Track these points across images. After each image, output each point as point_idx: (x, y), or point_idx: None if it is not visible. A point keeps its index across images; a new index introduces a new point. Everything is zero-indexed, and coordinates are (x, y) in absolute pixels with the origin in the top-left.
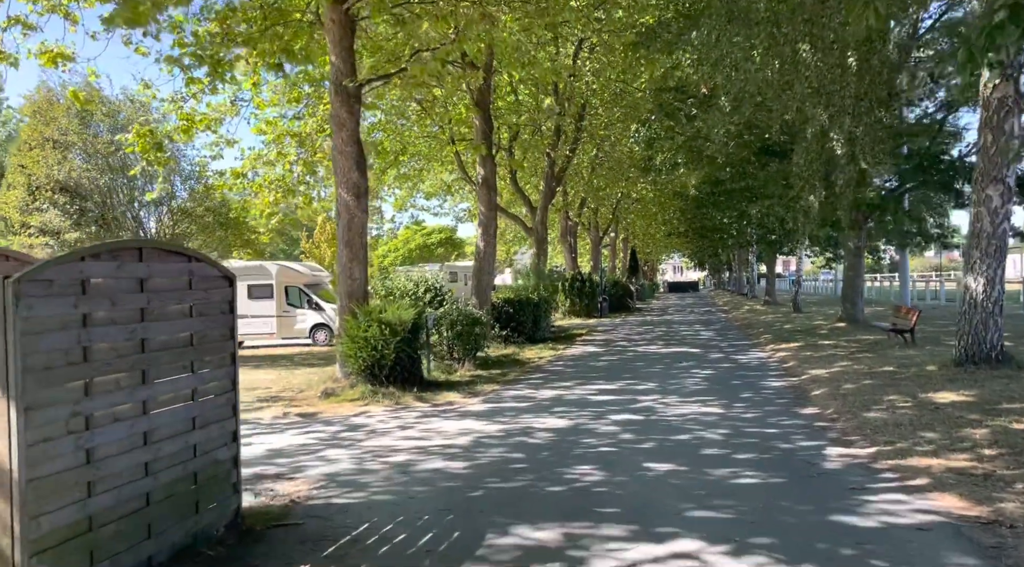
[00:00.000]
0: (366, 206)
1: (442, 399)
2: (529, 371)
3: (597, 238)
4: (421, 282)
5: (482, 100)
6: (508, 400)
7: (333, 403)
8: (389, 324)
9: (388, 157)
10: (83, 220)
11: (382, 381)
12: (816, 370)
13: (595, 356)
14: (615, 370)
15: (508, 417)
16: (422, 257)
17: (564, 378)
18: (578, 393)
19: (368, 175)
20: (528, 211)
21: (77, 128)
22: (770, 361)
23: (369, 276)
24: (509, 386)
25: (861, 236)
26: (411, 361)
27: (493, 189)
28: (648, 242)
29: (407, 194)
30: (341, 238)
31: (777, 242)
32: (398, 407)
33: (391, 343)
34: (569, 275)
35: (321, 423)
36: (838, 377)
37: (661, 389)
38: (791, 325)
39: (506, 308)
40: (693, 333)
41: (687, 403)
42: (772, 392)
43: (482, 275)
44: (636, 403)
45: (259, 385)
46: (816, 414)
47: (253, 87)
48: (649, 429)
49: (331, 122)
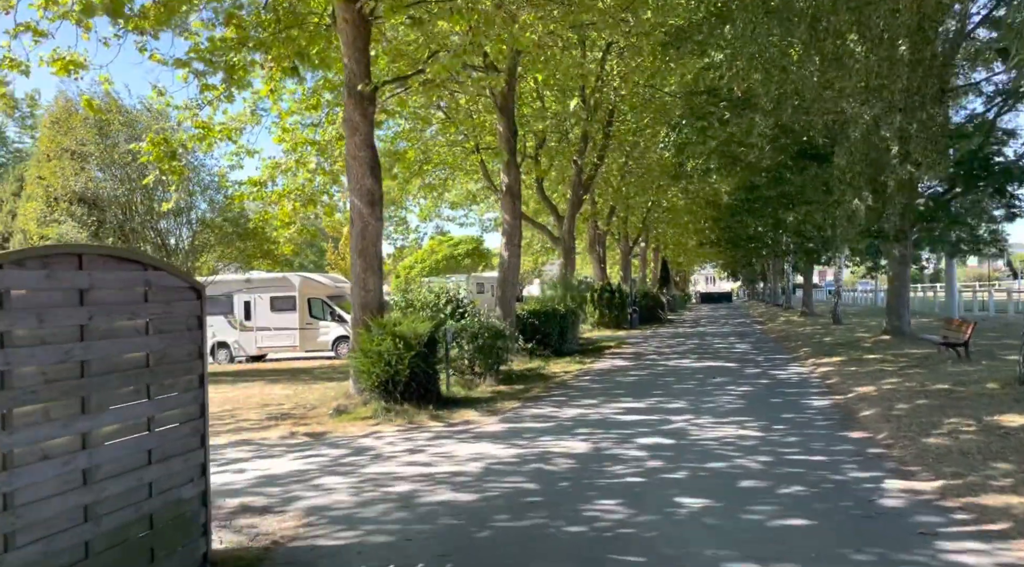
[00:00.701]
0: (380, 214)
1: (458, 418)
2: (553, 387)
3: (627, 248)
4: (442, 293)
5: (506, 105)
6: (528, 419)
7: (344, 421)
8: (404, 338)
9: (412, 166)
10: (101, 232)
11: (396, 398)
12: (863, 387)
13: (623, 371)
14: (644, 386)
15: (526, 440)
16: (449, 268)
17: (589, 395)
18: (603, 412)
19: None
20: (555, 220)
21: (95, 138)
22: (811, 377)
23: (391, 288)
24: (530, 404)
25: (907, 244)
26: (427, 377)
27: (517, 197)
28: (679, 252)
29: (432, 204)
30: (354, 247)
31: (814, 251)
32: (410, 427)
33: (406, 358)
34: (598, 286)
35: (326, 445)
36: (888, 396)
37: (694, 408)
38: (831, 338)
39: (531, 320)
40: (727, 346)
41: (722, 424)
42: (815, 412)
43: (506, 286)
44: (666, 424)
45: (272, 401)
46: (867, 439)
47: (271, 95)
48: (681, 455)
49: (344, 126)
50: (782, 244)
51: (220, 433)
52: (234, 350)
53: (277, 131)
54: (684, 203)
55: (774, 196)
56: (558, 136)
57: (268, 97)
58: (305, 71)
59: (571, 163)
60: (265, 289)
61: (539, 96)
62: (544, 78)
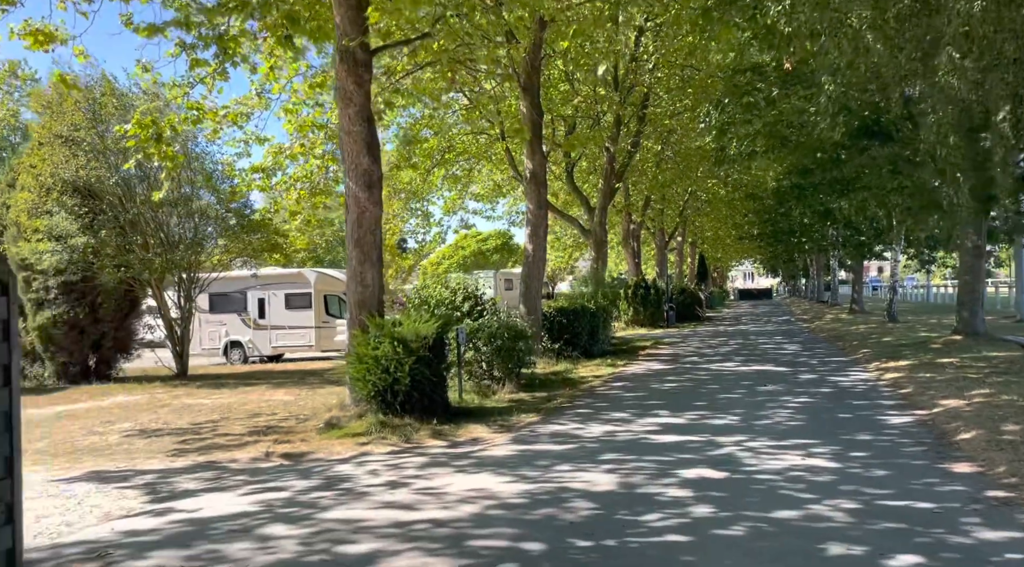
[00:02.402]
0: (379, 198)
1: (464, 435)
2: (579, 395)
3: (663, 242)
4: (459, 290)
5: (529, 83)
6: (545, 439)
7: (332, 438)
8: (404, 341)
9: (434, 155)
10: (95, 223)
11: (396, 410)
12: (949, 400)
13: (659, 375)
14: (684, 396)
15: (539, 469)
16: (477, 264)
17: (619, 406)
18: (636, 429)
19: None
20: (586, 212)
21: (87, 123)
22: (879, 384)
23: (418, 284)
24: (551, 417)
25: (981, 233)
26: (433, 385)
27: (543, 185)
28: (717, 247)
29: (456, 197)
30: (350, 236)
31: (866, 244)
32: (406, 448)
33: (406, 364)
34: (632, 281)
35: (297, 473)
36: (986, 412)
37: (745, 425)
38: (891, 338)
39: (559, 318)
40: (775, 346)
41: (784, 450)
42: (897, 432)
43: (531, 281)
44: (713, 448)
45: (266, 410)
46: (980, 474)
47: (271, 73)
48: (736, 497)
49: (336, 96)
50: (829, 237)
51: (187, 452)
52: (248, 350)
53: (284, 114)
54: (724, 192)
55: (826, 182)
56: (589, 122)
57: (269, 76)
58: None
59: (602, 150)
60: (279, 286)
61: (568, 78)
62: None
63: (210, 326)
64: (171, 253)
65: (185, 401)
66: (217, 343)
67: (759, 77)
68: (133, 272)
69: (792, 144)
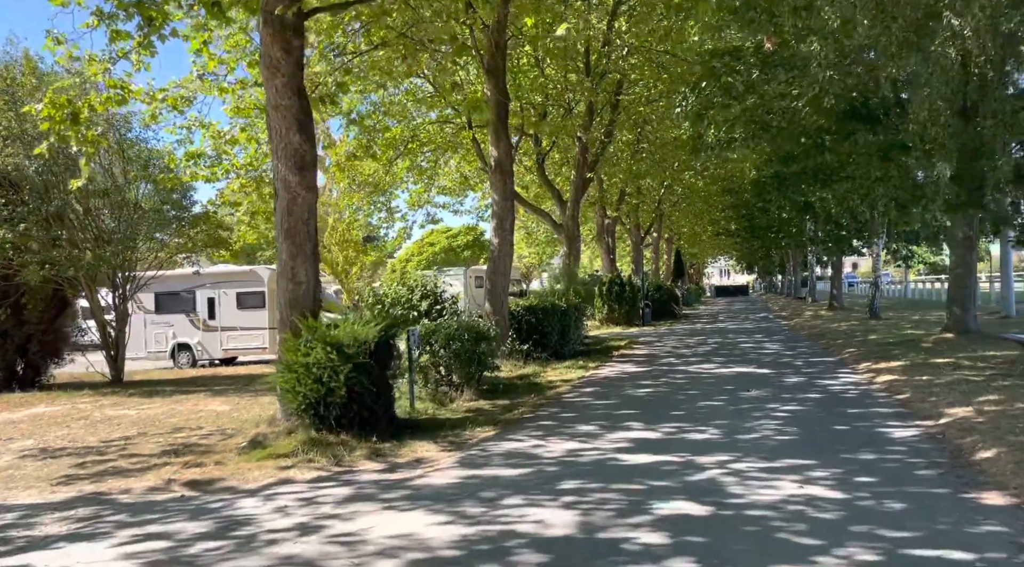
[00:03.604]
0: (314, 182)
1: (407, 454)
2: (544, 403)
3: (638, 238)
4: (417, 287)
5: (493, 64)
6: (497, 460)
7: (252, 461)
8: (339, 346)
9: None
10: (15, 216)
11: (331, 425)
12: (956, 409)
13: (634, 379)
14: (659, 403)
15: (484, 504)
16: (448, 260)
17: (587, 417)
18: (603, 447)
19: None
20: (558, 206)
21: (4, 105)
22: (872, 388)
23: (384, 281)
24: (510, 430)
25: (972, 224)
26: (375, 396)
27: (509, 174)
28: (694, 243)
29: (422, 189)
30: (279, 226)
31: (846, 238)
32: (335, 472)
33: (342, 372)
34: (607, 278)
35: (188, 514)
36: (1003, 423)
37: (728, 440)
38: (876, 335)
39: (527, 317)
40: (755, 345)
41: (776, 474)
42: (905, 449)
43: (497, 278)
44: (692, 472)
45: (191, 424)
46: (1017, 508)
47: (203, 47)
48: (722, 544)
49: (261, 66)
50: (807, 232)
51: (78, 479)
52: (197, 353)
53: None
54: (702, 185)
55: (809, 171)
56: (561, 110)
57: (203, 51)
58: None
59: (574, 140)
60: (231, 284)
61: (537, 64)
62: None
63: (156, 327)
64: (102, 249)
65: (108, 413)
66: (164, 346)
67: (737, 61)
68: (60, 270)
69: (774, 130)
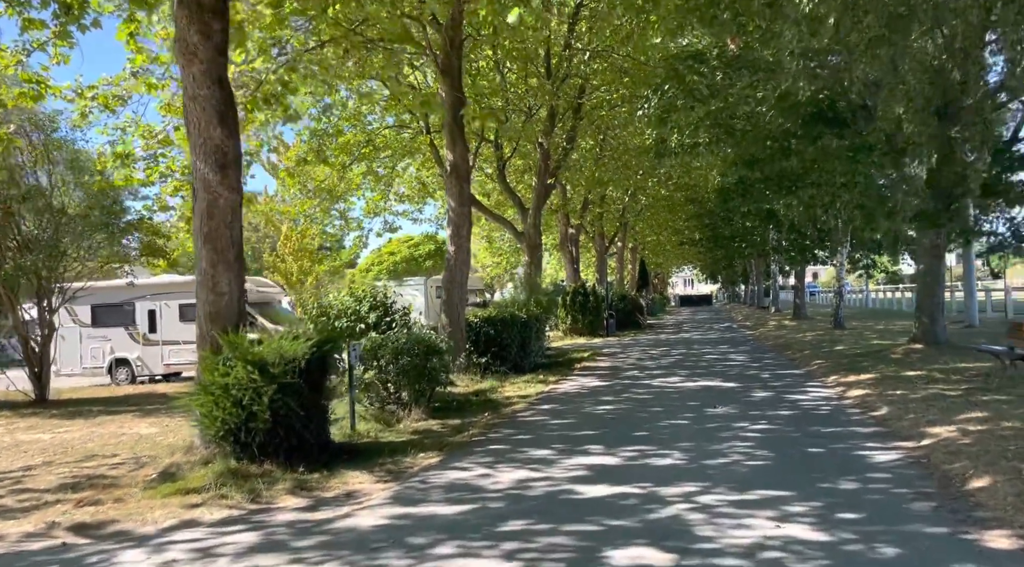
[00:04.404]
0: (237, 182)
1: (336, 487)
2: (498, 423)
3: (603, 247)
4: (366, 298)
5: (448, 64)
6: (436, 495)
7: (157, 497)
8: (262, 364)
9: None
10: None
11: (254, 453)
12: (938, 428)
13: (594, 395)
14: (621, 422)
15: (411, 555)
16: (409, 270)
17: (542, 439)
18: (557, 476)
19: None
20: (519, 214)
21: None
22: (844, 403)
23: (342, 292)
24: (456, 456)
25: (940, 232)
26: (304, 419)
27: (466, 179)
28: (658, 252)
29: (380, 197)
30: (198, 230)
31: (809, 247)
32: (249, 511)
33: (265, 394)
34: (570, 288)
35: None
36: (992, 445)
37: (695, 467)
38: (843, 346)
39: (486, 329)
40: (720, 356)
41: (748, 509)
42: (890, 478)
43: (453, 287)
44: (655, 507)
45: (107, 450)
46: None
47: (131, 40)
48: None
49: (176, 52)
50: (770, 241)
51: None
52: (136, 368)
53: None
54: (665, 193)
55: (774, 176)
56: (522, 116)
57: (130, 44)
58: None
59: (536, 146)
60: (173, 295)
61: (497, 67)
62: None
63: (93, 342)
64: (23, 257)
65: (19, 437)
66: (101, 361)
67: (701, 63)
68: None
69: (738, 134)
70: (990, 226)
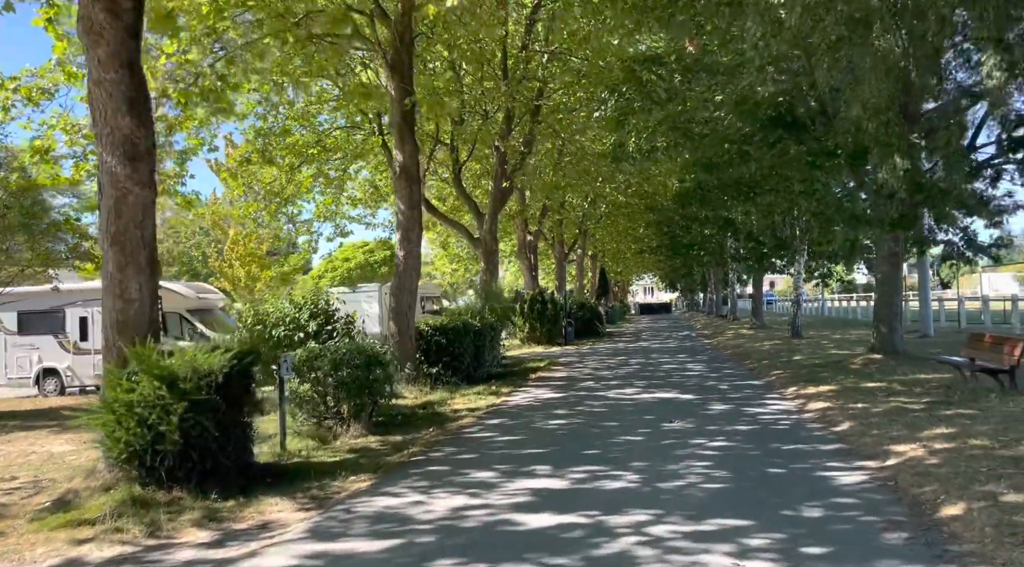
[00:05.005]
0: (150, 177)
1: (251, 517)
2: (441, 440)
3: (562, 254)
4: (306, 305)
5: (397, 60)
6: (360, 527)
7: (44, 530)
8: (171, 379)
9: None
10: None
11: (161, 479)
12: (903, 445)
13: (547, 408)
14: (572, 438)
15: None
16: (364, 276)
17: (487, 458)
18: (497, 503)
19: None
20: (476, 219)
21: None
22: (804, 417)
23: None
24: (390, 479)
25: (900, 240)
26: (221, 440)
27: (416, 181)
28: (618, 261)
29: (330, 200)
30: (104, 230)
31: (767, 256)
32: (143, 549)
33: (175, 412)
34: (529, 295)
35: None
36: (961, 465)
37: (648, 491)
38: (801, 356)
39: (437, 338)
40: (678, 366)
41: (704, 542)
42: (857, 504)
43: (402, 295)
44: (602, 540)
45: (9, 472)
46: None
47: (48, 25)
48: None
49: (80, 32)
50: (728, 249)
51: None
52: (66, 379)
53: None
54: (624, 200)
55: (731, 182)
56: (478, 118)
57: (48, 30)
58: None
59: (492, 149)
60: (98, 302)
61: (453, 67)
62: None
63: (19, 350)
64: None
65: None
66: (28, 371)
67: (659, 66)
68: None
69: (697, 138)
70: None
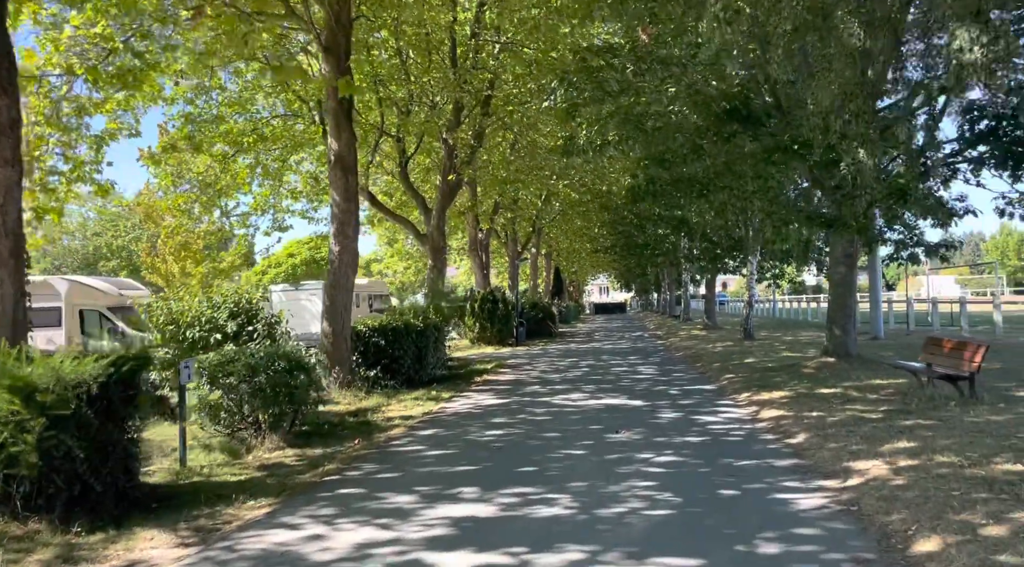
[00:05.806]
0: (13, 153)
1: (117, 557)
2: (364, 455)
3: (515, 252)
4: (225, 303)
5: (333, 41)
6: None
7: None
8: (27, 391)
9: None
10: None
11: (16, 508)
12: (863, 461)
13: (487, 416)
14: (508, 453)
15: None
16: (310, 273)
17: (409, 478)
18: (409, 537)
19: (207, 160)
20: (423, 215)
21: None
22: (757, 427)
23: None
24: (294, 504)
25: (855, 240)
26: (93, 462)
27: (351, 171)
28: (573, 260)
29: (268, 192)
30: None
31: (720, 256)
32: None
33: (32, 431)
34: (479, 294)
35: None
36: (930, 487)
37: (586, 519)
38: (753, 358)
39: (375, 339)
40: (629, 369)
41: None
42: (818, 534)
43: (337, 292)
44: None
45: None
46: None
47: None
48: None
49: None
50: (682, 249)
51: None
52: None
53: None
54: (578, 198)
55: (684, 179)
56: (426, 109)
57: None
58: None
59: (440, 141)
60: None
61: (399, 54)
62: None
63: None
64: None
65: None
66: None
67: (613, 57)
68: None
69: (649, 131)
70: (893, 235)
